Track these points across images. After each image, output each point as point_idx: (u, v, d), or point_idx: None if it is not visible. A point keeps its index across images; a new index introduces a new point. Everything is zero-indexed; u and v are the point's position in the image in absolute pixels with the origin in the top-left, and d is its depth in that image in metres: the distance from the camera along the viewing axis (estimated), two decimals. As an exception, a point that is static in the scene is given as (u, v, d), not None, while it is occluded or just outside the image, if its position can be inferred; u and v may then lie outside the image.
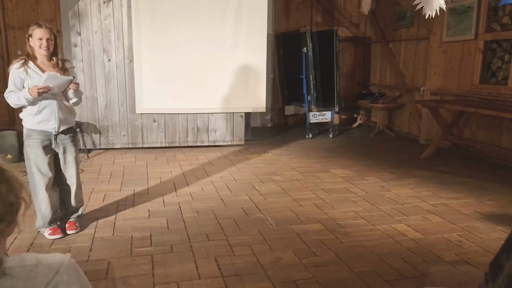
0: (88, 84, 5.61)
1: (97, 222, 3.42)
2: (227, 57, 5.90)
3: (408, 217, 3.56)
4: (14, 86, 2.96)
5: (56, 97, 3.03)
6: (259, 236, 3.17)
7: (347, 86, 8.73)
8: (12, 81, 2.96)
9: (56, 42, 3.03)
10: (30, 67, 2.96)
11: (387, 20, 7.81)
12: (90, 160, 5.38)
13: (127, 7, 5.54)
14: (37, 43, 2.92)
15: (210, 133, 6.18)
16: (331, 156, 5.76)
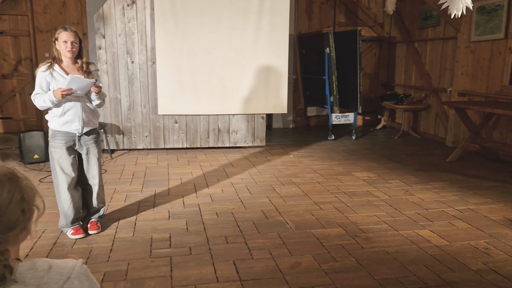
0: (112, 86, 5.70)
1: (118, 223, 3.45)
2: (248, 58, 5.89)
3: (433, 223, 3.45)
4: (40, 88, 3.03)
5: (80, 99, 3.08)
6: (278, 239, 3.14)
7: (371, 87, 8.60)
8: (39, 84, 3.03)
9: (81, 45, 3.09)
10: (55, 70, 3.02)
11: (413, 20, 7.64)
12: (113, 161, 5.46)
13: (150, 9, 5.60)
14: (63, 45, 2.98)
15: (231, 135, 6.18)
16: (353, 158, 5.67)
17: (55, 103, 3.00)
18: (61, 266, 1.08)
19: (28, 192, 1.07)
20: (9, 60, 7.12)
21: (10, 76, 7.17)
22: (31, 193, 1.08)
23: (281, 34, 5.92)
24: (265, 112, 6.20)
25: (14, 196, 1.03)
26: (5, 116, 7.28)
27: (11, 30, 7.05)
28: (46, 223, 3.38)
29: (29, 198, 1.07)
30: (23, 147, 5.07)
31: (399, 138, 7.16)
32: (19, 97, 7.22)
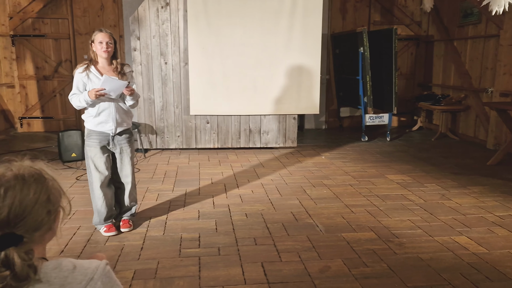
0: (146, 87, 5.81)
1: (149, 221, 3.51)
2: (280, 59, 5.86)
3: (471, 229, 3.31)
4: (76, 89, 3.12)
5: (114, 100, 3.15)
6: (308, 242, 3.09)
7: (407, 87, 8.36)
8: (75, 85, 3.13)
9: (116, 47, 3.16)
10: (91, 71, 3.11)
11: (452, 17, 7.37)
12: (146, 160, 5.56)
13: (183, 11, 5.67)
14: (98, 46, 3.07)
15: (262, 135, 6.16)
16: (387, 161, 5.52)
17: (89, 103, 3.09)
18: (85, 267, 1.09)
19: (55, 193, 1.09)
20: (50, 62, 7.41)
21: (51, 78, 7.46)
22: (57, 194, 1.10)
23: (314, 34, 5.85)
24: (296, 113, 6.15)
25: (40, 197, 1.05)
26: (46, 116, 7.58)
27: (52, 33, 7.33)
28: (81, 220, 3.48)
29: (55, 199, 1.10)
30: (62, 145, 5.25)
31: (436, 140, 6.92)
32: (59, 98, 7.50)
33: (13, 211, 1.00)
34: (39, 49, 7.36)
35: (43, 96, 7.51)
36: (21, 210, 1.01)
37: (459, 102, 7.02)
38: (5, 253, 0.97)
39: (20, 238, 1.00)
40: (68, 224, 3.40)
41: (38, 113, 7.56)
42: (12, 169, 1.06)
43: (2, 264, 0.96)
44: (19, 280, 0.98)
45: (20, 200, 1.01)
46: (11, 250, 0.98)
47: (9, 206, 0.99)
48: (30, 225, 1.03)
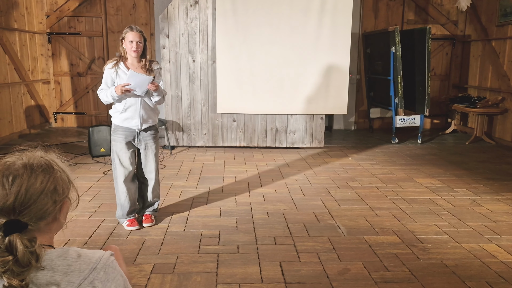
0: (174, 84, 5.88)
1: (171, 217, 3.54)
2: (308, 58, 5.79)
3: (501, 237, 3.15)
4: (105, 84, 3.19)
5: (140, 97, 3.20)
6: (328, 244, 3.03)
7: (441, 88, 8.10)
8: (104, 80, 3.20)
9: (145, 45, 3.20)
10: (120, 67, 3.17)
11: (490, 16, 7.08)
12: (172, 157, 5.63)
13: (212, 9, 5.71)
14: (128, 45, 3.12)
15: (289, 135, 6.12)
16: (417, 164, 5.36)
17: (116, 98, 3.15)
18: (89, 256, 1.11)
19: (62, 184, 1.11)
20: (84, 59, 7.63)
21: (85, 74, 7.68)
22: (64, 186, 1.12)
23: (343, 32, 5.75)
24: (324, 113, 6.06)
25: (47, 187, 1.08)
26: (79, 112, 7.81)
27: (86, 31, 7.55)
28: (106, 214, 3.56)
29: (62, 190, 1.12)
30: (91, 140, 5.39)
31: (471, 144, 6.66)
32: (92, 94, 7.71)
33: (19, 198, 1.02)
34: (73, 46, 7.59)
35: (76, 92, 7.75)
36: (27, 198, 1.04)
37: (496, 104, 6.74)
38: (9, 238, 1.00)
39: (24, 225, 1.03)
40: (93, 217, 3.48)
41: (71, 109, 7.80)
42: (23, 158, 1.09)
43: (6, 249, 0.99)
44: (21, 266, 1.00)
45: (26, 188, 1.04)
46: (14, 236, 1.00)
47: (15, 194, 1.02)
48: (35, 213, 1.05)
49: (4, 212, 1.02)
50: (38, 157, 1.12)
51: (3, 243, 1.00)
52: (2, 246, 1.00)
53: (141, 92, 3.14)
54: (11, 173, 1.05)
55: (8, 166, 1.07)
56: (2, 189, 1.03)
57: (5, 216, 1.02)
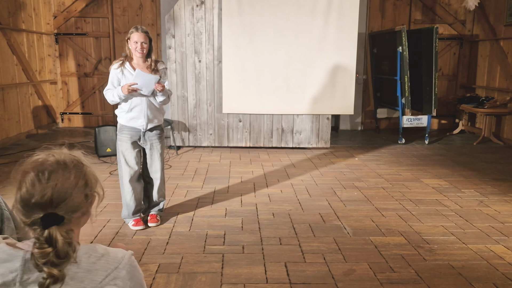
0: (180, 84, 5.90)
1: (177, 217, 3.54)
2: (314, 58, 5.78)
3: (509, 238, 3.12)
4: (111, 84, 3.21)
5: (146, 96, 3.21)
6: (334, 244, 3.02)
7: (449, 88, 8.04)
8: (110, 80, 3.21)
9: (151, 45, 3.21)
10: (126, 67, 3.18)
11: (498, 16, 7.02)
12: (178, 157, 5.64)
13: (218, 9, 5.71)
14: (133, 45, 3.13)
15: (295, 135, 6.10)
16: (424, 164, 5.32)
17: (122, 98, 3.16)
18: (112, 256, 1.16)
19: (91, 179, 1.18)
20: (91, 59, 7.67)
21: (91, 75, 7.72)
22: (93, 180, 1.18)
23: (350, 32, 5.73)
24: (330, 113, 6.04)
25: (79, 181, 1.14)
26: (86, 112, 7.86)
27: (93, 31, 7.59)
28: (111, 213, 3.57)
29: (92, 184, 1.18)
30: (98, 140, 5.41)
31: (479, 145, 6.61)
32: (99, 94, 7.75)
33: (56, 193, 1.08)
34: (80, 47, 7.64)
35: (83, 93, 7.79)
36: (63, 193, 1.09)
37: (505, 105, 6.67)
38: (49, 231, 1.06)
39: (61, 218, 1.09)
40: (99, 216, 3.49)
41: (78, 109, 7.85)
42: (54, 155, 1.15)
43: (46, 241, 1.06)
44: (60, 257, 1.06)
45: (62, 183, 1.10)
46: (53, 229, 1.07)
47: (52, 188, 1.08)
48: (70, 207, 1.11)
49: (42, 206, 1.07)
50: (67, 154, 1.18)
51: (42, 236, 1.06)
52: (42, 238, 1.05)
53: (147, 92, 3.14)
54: (46, 169, 1.10)
55: (42, 162, 1.12)
56: (39, 184, 1.07)
57: (42, 210, 1.07)
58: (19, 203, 1.09)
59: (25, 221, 1.09)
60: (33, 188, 1.07)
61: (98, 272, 1.12)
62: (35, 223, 1.07)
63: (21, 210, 1.09)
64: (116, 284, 1.12)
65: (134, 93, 3.14)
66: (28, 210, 1.08)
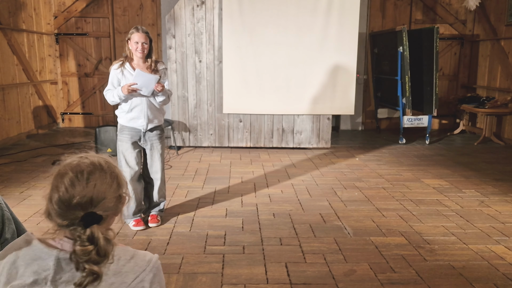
0: (180, 84, 5.89)
1: (177, 217, 3.54)
2: (315, 58, 5.78)
3: (509, 238, 3.12)
4: (111, 84, 3.21)
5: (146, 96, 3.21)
6: (334, 244, 3.01)
7: (450, 88, 8.04)
8: (110, 80, 3.21)
9: (151, 45, 3.21)
10: (126, 68, 3.18)
11: (499, 16, 7.01)
12: (179, 157, 5.63)
13: (219, 9, 5.71)
14: (134, 46, 3.13)
15: (295, 135, 6.10)
16: (424, 164, 5.32)
17: (122, 98, 3.16)
18: (141, 258, 1.21)
19: (122, 180, 1.24)
20: (91, 59, 7.67)
21: (92, 75, 7.72)
22: (123, 183, 1.25)
23: (350, 32, 5.73)
24: (331, 113, 6.04)
25: (114, 182, 1.19)
26: (86, 112, 7.86)
27: (93, 31, 7.59)
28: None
29: (123, 185, 1.24)
30: (98, 140, 5.42)
31: (479, 145, 6.60)
32: (99, 94, 7.75)
33: (96, 193, 1.13)
34: (81, 47, 7.64)
35: (83, 93, 7.79)
36: (101, 192, 1.14)
37: (505, 105, 6.66)
38: (91, 230, 1.10)
39: (100, 217, 1.13)
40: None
41: (78, 109, 7.85)
42: (88, 158, 1.20)
43: (87, 239, 1.09)
44: (100, 255, 1.10)
45: (100, 183, 1.15)
46: (94, 227, 1.11)
47: (92, 189, 1.13)
48: (106, 206, 1.15)
49: (82, 206, 1.11)
50: (98, 156, 1.23)
51: (84, 234, 1.10)
52: (84, 237, 1.09)
53: (147, 92, 3.14)
54: (84, 171, 1.14)
55: (78, 165, 1.16)
56: (79, 185, 1.12)
57: (82, 210, 1.11)
58: (57, 204, 1.12)
59: (62, 223, 1.12)
60: (73, 189, 1.11)
61: (128, 274, 1.15)
62: (73, 223, 1.11)
63: (58, 211, 1.12)
64: (144, 286, 1.16)
65: (134, 94, 3.14)
66: (67, 210, 1.11)
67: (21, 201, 3.83)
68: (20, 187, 4.24)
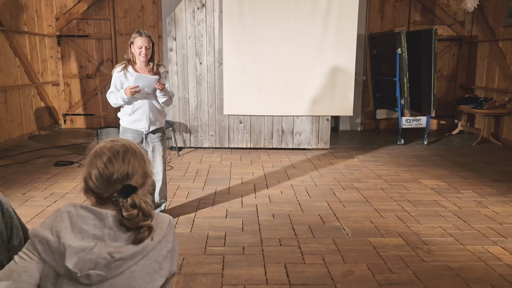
0: (181, 86, 5.94)
1: (178, 218, 3.59)
2: (314, 60, 5.83)
3: (506, 239, 3.16)
4: (114, 87, 3.26)
5: (148, 97, 3.26)
6: (333, 245, 3.06)
7: (448, 89, 8.08)
8: (113, 83, 3.27)
9: (153, 49, 3.27)
10: (128, 71, 3.23)
11: (497, 17, 7.05)
12: (180, 158, 5.68)
13: (219, 12, 5.75)
14: (137, 50, 3.19)
15: (295, 136, 6.15)
16: (423, 165, 5.36)
17: (125, 100, 3.21)
18: (162, 215, 1.49)
19: (147, 159, 1.46)
20: (93, 61, 7.72)
21: (93, 76, 7.77)
22: (148, 160, 1.47)
23: (349, 34, 5.78)
24: (330, 114, 6.09)
25: (141, 161, 1.42)
26: (88, 113, 7.91)
27: (95, 33, 7.64)
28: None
29: (147, 163, 1.46)
30: (100, 142, 5.46)
31: (478, 145, 6.65)
32: (101, 96, 7.80)
33: (130, 169, 1.36)
34: (82, 48, 7.68)
35: (85, 94, 7.84)
36: (135, 168, 1.38)
37: (503, 105, 6.71)
38: (131, 198, 1.34)
39: (135, 188, 1.36)
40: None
41: (80, 110, 7.90)
42: (118, 141, 1.42)
43: (131, 206, 1.33)
44: (146, 215, 1.35)
45: (133, 161, 1.38)
46: (133, 196, 1.34)
47: (127, 165, 1.36)
48: (137, 180, 1.39)
49: (120, 180, 1.34)
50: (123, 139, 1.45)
51: (127, 203, 1.32)
52: (127, 205, 1.32)
53: (150, 90, 3.21)
54: (118, 151, 1.37)
55: (112, 147, 1.38)
56: (117, 163, 1.35)
57: (120, 183, 1.34)
58: (98, 180, 1.33)
59: (102, 195, 1.35)
60: (112, 166, 1.34)
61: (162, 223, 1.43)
62: (113, 196, 1.34)
63: (99, 185, 1.34)
64: (167, 240, 1.43)
65: (137, 95, 3.20)
66: (108, 185, 1.34)
67: (23, 202, 3.88)
68: (22, 188, 4.29)
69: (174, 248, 1.47)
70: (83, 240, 1.27)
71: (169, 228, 1.45)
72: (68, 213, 1.31)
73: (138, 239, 1.32)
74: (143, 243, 1.33)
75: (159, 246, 1.39)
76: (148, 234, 1.34)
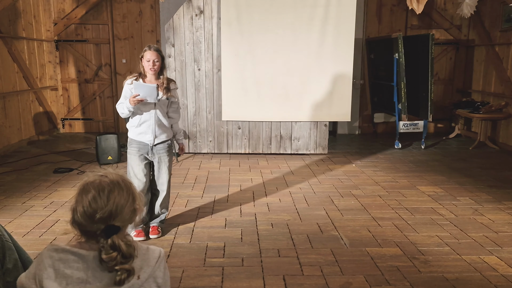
0: (180, 92, 5.96)
1: (177, 228, 3.61)
2: (312, 65, 5.86)
3: (502, 248, 3.20)
4: (124, 98, 3.32)
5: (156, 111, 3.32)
6: (331, 256, 3.10)
7: (445, 93, 8.13)
8: (124, 94, 3.33)
9: (163, 63, 3.33)
10: None
11: (494, 21, 7.10)
12: (179, 164, 5.71)
13: (217, 18, 5.78)
14: (146, 64, 3.26)
15: (293, 142, 6.18)
16: (420, 170, 5.41)
17: (131, 110, 3.27)
18: (152, 249, 1.46)
19: (137, 195, 1.43)
20: (91, 66, 7.73)
21: (92, 81, 7.78)
22: (138, 196, 1.44)
23: (347, 40, 5.81)
24: (328, 120, 6.13)
25: (130, 198, 1.38)
26: (87, 118, 7.92)
27: (93, 38, 7.65)
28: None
29: (137, 199, 1.43)
30: (99, 148, 5.48)
31: (474, 149, 6.69)
32: (99, 100, 7.81)
33: (114, 208, 1.33)
34: (81, 53, 7.70)
35: (84, 99, 7.86)
36: (119, 208, 1.34)
37: (500, 110, 6.76)
38: (112, 239, 1.31)
39: (118, 228, 1.34)
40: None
41: (79, 115, 7.91)
42: (107, 176, 1.39)
43: (111, 247, 1.31)
44: (126, 258, 1.32)
45: (118, 199, 1.35)
46: (114, 237, 1.32)
47: (111, 205, 1.33)
48: (123, 219, 1.36)
49: (103, 220, 1.31)
50: (114, 174, 1.41)
51: (107, 244, 1.30)
52: (107, 246, 1.30)
53: (153, 99, 3.24)
54: (104, 189, 1.34)
55: (99, 183, 1.35)
56: (101, 201, 1.32)
57: (103, 223, 1.31)
58: (82, 217, 1.32)
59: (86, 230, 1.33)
60: (96, 205, 1.31)
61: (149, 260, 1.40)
62: (96, 234, 1.32)
63: (83, 222, 1.32)
64: (156, 276, 1.40)
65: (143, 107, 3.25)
66: (91, 222, 1.32)
67: (23, 212, 3.90)
68: (22, 197, 4.31)
69: (165, 282, 1.44)
70: (67, 286, 1.28)
71: (159, 263, 1.42)
72: (50, 259, 1.31)
73: (117, 281, 1.30)
74: (129, 283, 1.32)
75: (147, 284, 1.37)
76: (127, 276, 1.31)
